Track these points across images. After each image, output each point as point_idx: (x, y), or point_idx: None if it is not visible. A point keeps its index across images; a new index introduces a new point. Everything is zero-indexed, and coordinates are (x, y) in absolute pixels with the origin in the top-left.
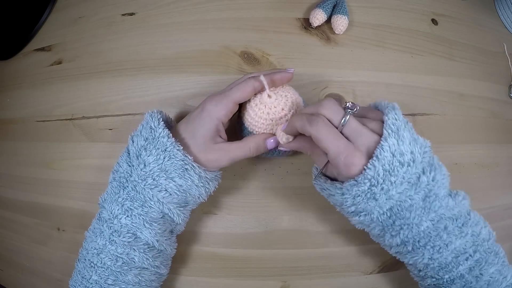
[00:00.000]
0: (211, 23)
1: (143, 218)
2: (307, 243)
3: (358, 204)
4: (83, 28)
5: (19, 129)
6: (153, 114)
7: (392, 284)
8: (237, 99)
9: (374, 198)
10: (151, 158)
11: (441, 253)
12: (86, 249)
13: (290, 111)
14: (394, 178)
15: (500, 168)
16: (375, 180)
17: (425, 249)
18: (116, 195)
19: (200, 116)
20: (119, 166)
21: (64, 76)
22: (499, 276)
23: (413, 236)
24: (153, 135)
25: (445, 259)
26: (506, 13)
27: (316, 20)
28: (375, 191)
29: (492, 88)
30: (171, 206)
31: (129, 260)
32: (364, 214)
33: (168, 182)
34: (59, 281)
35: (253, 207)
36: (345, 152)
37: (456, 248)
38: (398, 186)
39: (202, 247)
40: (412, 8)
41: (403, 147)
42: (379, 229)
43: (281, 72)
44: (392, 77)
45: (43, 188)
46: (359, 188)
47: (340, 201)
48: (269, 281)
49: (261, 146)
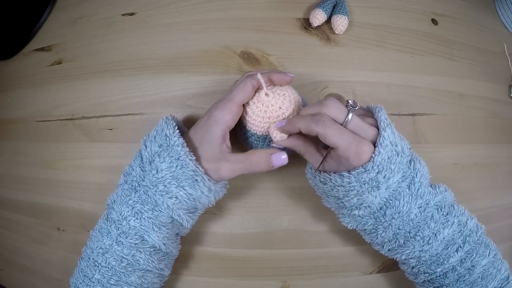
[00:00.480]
0: (211, 23)
1: (152, 222)
2: (307, 243)
3: (362, 193)
4: (83, 28)
5: (19, 129)
6: (168, 121)
7: (392, 284)
8: (239, 100)
9: (377, 187)
10: (164, 165)
11: (431, 244)
12: (90, 248)
13: (287, 110)
14: (393, 166)
15: (500, 168)
16: (382, 166)
17: (415, 240)
18: (127, 197)
19: (207, 123)
20: (132, 169)
21: (64, 76)
22: (492, 269)
23: (404, 227)
24: (167, 143)
25: (435, 250)
26: (506, 13)
27: (316, 20)
28: (379, 178)
29: (492, 88)
30: (180, 212)
31: (134, 262)
32: (364, 207)
33: (179, 190)
34: (59, 281)
35: (253, 207)
36: (354, 142)
37: (445, 238)
38: (396, 174)
39: (202, 247)
40: (412, 8)
41: (395, 139)
42: (372, 223)
43: (280, 73)
44: (392, 77)
45: (43, 188)
46: (368, 175)
47: (343, 193)
48: (269, 281)
49: (263, 163)
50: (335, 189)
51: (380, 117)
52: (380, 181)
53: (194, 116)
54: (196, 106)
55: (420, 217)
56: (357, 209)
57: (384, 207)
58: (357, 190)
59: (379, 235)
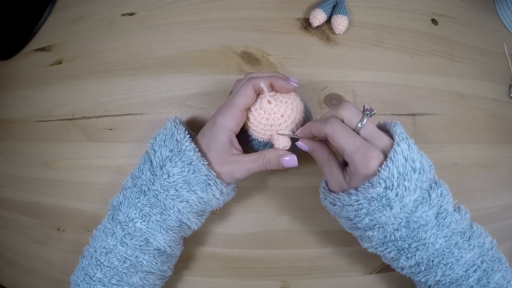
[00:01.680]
0: (211, 23)
1: (160, 225)
2: (307, 243)
3: (373, 212)
4: (83, 28)
5: (19, 129)
6: (177, 125)
7: (392, 284)
8: (242, 105)
9: (389, 206)
10: (176, 169)
11: (453, 269)
12: (93, 247)
13: (289, 117)
14: (408, 183)
15: (500, 168)
16: (390, 182)
17: (438, 267)
18: (136, 199)
19: (212, 129)
20: (141, 173)
21: (64, 76)
22: (504, 281)
23: (428, 256)
24: (179, 148)
25: (456, 274)
26: (506, 13)
27: (316, 20)
28: (390, 196)
29: (492, 88)
30: (190, 216)
31: (137, 263)
32: (378, 227)
33: (190, 194)
34: (59, 281)
35: (253, 207)
36: (362, 148)
37: (466, 262)
38: (412, 193)
39: (202, 247)
40: (412, 8)
41: (413, 154)
42: (395, 253)
43: (282, 80)
44: (392, 77)
45: (43, 188)
46: (375, 190)
47: (353, 213)
48: (269, 281)
49: (275, 162)
50: (344, 209)
51: (395, 131)
52: (392, 198)
53: (194, 116)
54: (196, 106)
55: (444, 246)
56: (370, 230)
57: (410, 240)
58: (366, 208)
59: (401, 262)
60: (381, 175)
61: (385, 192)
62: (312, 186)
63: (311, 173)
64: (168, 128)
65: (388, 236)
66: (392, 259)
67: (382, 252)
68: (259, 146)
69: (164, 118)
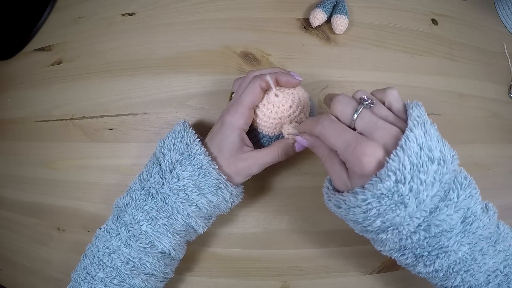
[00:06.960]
0: (211, 23)
1: (166, 229)
2: (307, 243)
3: (385, 213)
4: (83, 28)
5: (19, 129)
6: (187, 129)
7: (392, 284)
8: (250, 103)
9: (403, 203)
10: (186, 173)
11: (474, 276)
12: (96, 247)
13: (297, 108)
14: (424, 176)
15: (500, 168)
16: (401, 174)
17: (458, 274)
18: (143, 202)
19: (221, 130)
20: (150, 176)
21: (64, 76)
22: None
23: (449, 264)
24: (189, 152)
25: (477, 281)
26: (506, 13)
27: (316, 20)
28: (403, 191)
29: (492, 88)
30: (198, 220)
31: (140, 265)
32: (392, 230)
33: (200, 198)
34: (59, 281)
35: (253, 207)
36: (353, 144)
37: (489, 268)
38: (429, 188)
39: (202, 247)
40: (412, 8)
41: (431, 142)
42: (412, 260)
43: (287, 75)
44: (392, 77)
45: (43, 188)
46: (384, 184)
47: (361, 216)
48: (269, 281)
49: (290, 150)
50: (351, 212)
51: (411, 114)
52: (405, 194)
53: (194, 116)
54: (196, 106)
55: (468, 253)
56: (383, 232)
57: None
58: (376, 208)
59: (417, 269)
60: (390, 166)
61: (397, 187)
62: (312, 186)
63: (311, 173)
64: (178, 132)
65: (404, 240)
66: (408, 265)
67: (398, 257)
68: (270, 141)
69: (164, 118)
